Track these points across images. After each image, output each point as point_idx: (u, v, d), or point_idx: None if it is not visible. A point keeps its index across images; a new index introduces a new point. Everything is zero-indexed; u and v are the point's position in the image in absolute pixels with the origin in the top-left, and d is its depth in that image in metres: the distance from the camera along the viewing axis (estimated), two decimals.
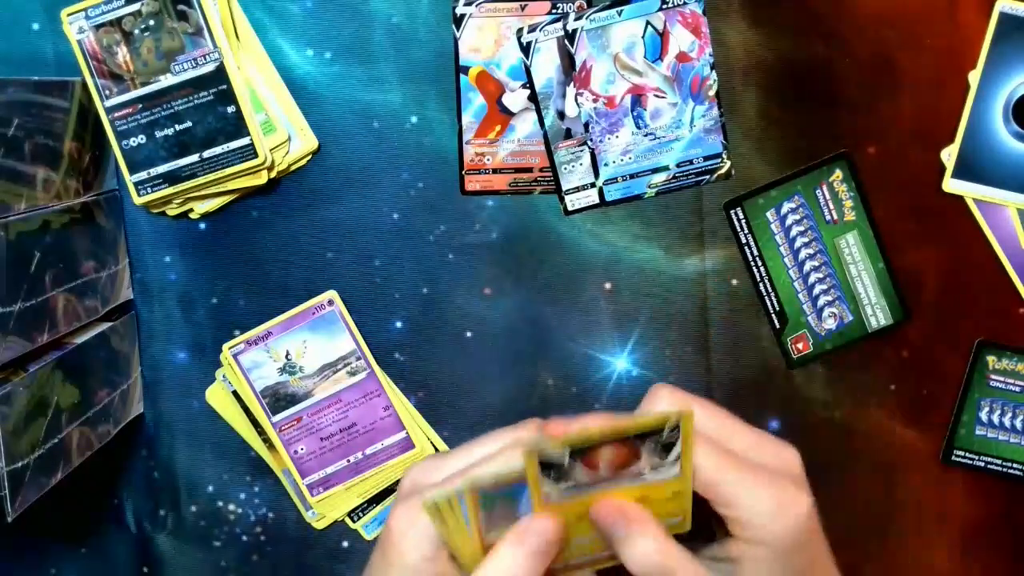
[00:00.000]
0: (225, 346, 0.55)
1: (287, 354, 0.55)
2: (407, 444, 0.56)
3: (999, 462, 0.55)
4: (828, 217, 0.54)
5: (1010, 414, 0.55)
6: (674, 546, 0.38)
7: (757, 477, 0.38)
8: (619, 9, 0.52)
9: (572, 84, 0.53)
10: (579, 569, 0.43)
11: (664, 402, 0.42)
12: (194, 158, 0.51)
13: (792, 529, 0.38)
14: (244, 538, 0.58)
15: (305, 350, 0.55)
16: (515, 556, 0.38)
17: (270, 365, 0.55)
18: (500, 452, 0.41)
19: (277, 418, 0.55)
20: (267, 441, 0.56)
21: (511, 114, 0.54)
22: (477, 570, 0.38)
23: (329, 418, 0.55)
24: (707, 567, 0.39)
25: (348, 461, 0.56)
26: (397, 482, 0.56)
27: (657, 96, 0.53)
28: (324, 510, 0.57)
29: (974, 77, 0.52)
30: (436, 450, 0.57)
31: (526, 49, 0.53)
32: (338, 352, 0.55)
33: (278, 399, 0.55)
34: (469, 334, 0.56)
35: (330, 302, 0.55)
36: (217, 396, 0.56)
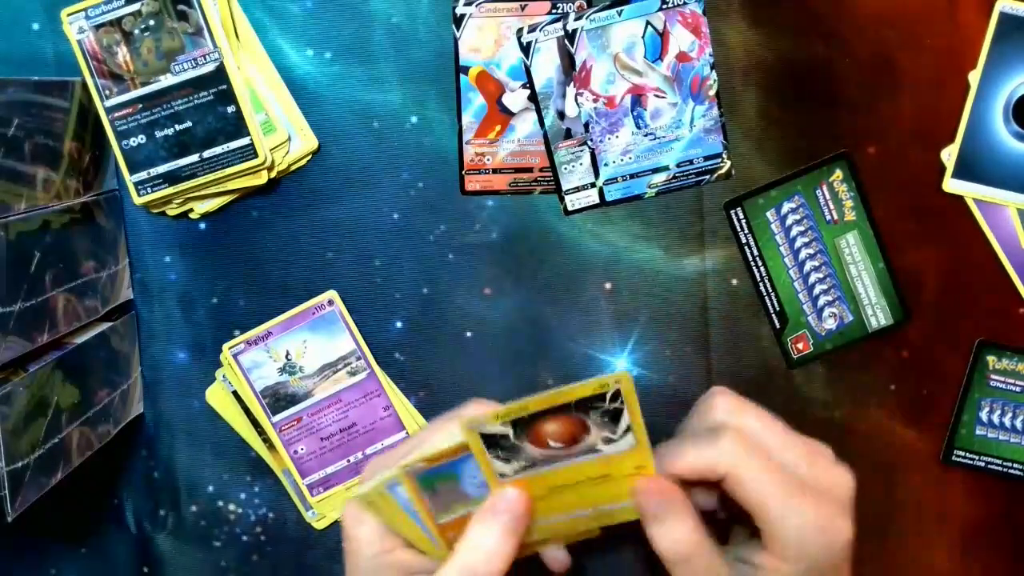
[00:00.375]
0: (225, 346, 0.55)
1: (287, 354, 0.55)
2: None
3: (999, 462, 0.55)
4: (828, 217, 0.54)
5: (1010, 414, 0.55)
6: (704, 536, 0.38)
7: (802, 497, 0.37)
8: (619, 9, 0.52)
9: (572, 84, 0.53)
10: (549, 543, 0.43)
11: (720, 409, 0.41)
12: (194, 158, 0.51)
13: (826, 554, 0.37)
14: (244, 538, 0.58)
15: (305, 350, 0.55)
16: (490, 534, 0.38)
17: (270, 365, 0.55)
18: (431, 433, 0.41)
19: (277, 418, 0.55)
20: (267, 441, 0.56)
21: (511, 114, 0.54)
22: (453, 556, 0.38)
23: (329, 418, 0.55)
24: (731, 566, 0.38)
25: (348, 461, 0.56)
26: None
27: (657, 96, 0.53)
28: (324, 510, 0.57)
29: (974, 77, 0.52)
30: None
31: (526, 49, 0.53)
32: (338, 352, 0.55)
33: (278, 399, 0.55)
34: (469, 334, 0.56)
35: (330, 302, 0.55)
36: (217, 396, 0.56)
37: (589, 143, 0.54)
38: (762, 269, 0.55)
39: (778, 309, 0.55)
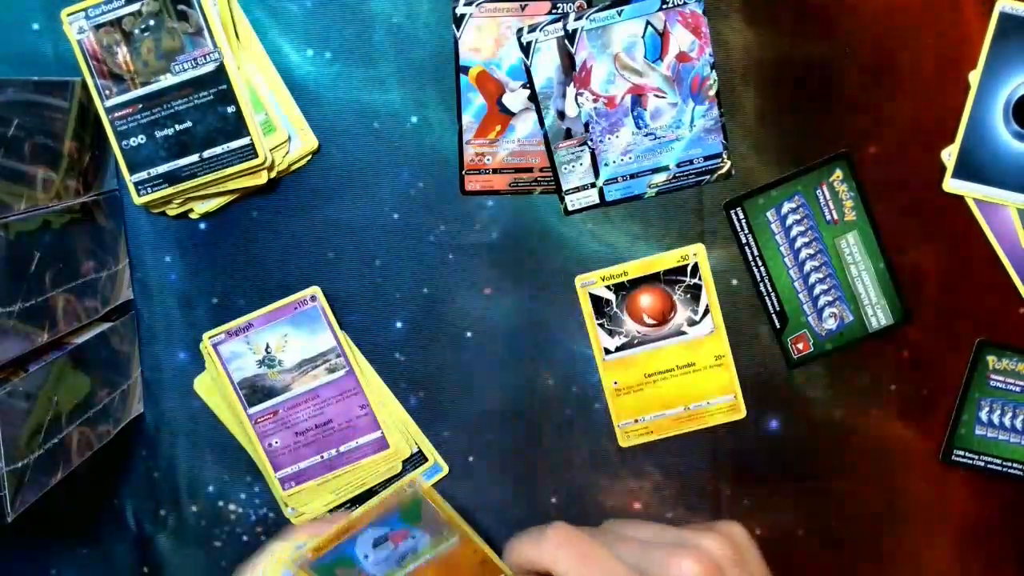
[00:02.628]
0: (205, 335, 0.55)
1: (267, 347, 0.55)
2: (382, 444, 0.56)
3: (999, 462, 0.55)
4: (828, 217, 0.54)
5: (1010, 414, 0.55)
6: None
7: None
8: (619, 9, 0.52)
9: (572, 84, 0.53)
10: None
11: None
12: (194, 158, 0.51)
13: None
14: (244, 538, 0.58)
15: (286, 344, 0.55)
16: None
17: (249, 357, 0.55)
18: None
19: (253, 410, 0.55)
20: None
21: (511, 114, 0.54)
22: None
23: (305, 413, 0.55)
24: None
25: (322, 457, 0.56)
26: (373, 487, 0.56)
27: (657, 96, 0.53)
28: (296, 504, 0.57)
29: (974, 77, 0.52)
30: (419, 449, 0.57)
31: (526, 49, 0.53)
32: (318, 348, 0.55)
33: (255, 391, 0.55)
34: (469, 334, 0.56)
35: (313, 298, 0.55)
36: (205, 386, 0.56)
37: (589, 143, 0.54)
38: (762, 269, 0.55)
39: (778, 309, 0.55)
